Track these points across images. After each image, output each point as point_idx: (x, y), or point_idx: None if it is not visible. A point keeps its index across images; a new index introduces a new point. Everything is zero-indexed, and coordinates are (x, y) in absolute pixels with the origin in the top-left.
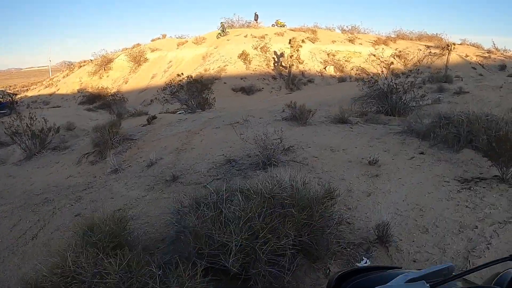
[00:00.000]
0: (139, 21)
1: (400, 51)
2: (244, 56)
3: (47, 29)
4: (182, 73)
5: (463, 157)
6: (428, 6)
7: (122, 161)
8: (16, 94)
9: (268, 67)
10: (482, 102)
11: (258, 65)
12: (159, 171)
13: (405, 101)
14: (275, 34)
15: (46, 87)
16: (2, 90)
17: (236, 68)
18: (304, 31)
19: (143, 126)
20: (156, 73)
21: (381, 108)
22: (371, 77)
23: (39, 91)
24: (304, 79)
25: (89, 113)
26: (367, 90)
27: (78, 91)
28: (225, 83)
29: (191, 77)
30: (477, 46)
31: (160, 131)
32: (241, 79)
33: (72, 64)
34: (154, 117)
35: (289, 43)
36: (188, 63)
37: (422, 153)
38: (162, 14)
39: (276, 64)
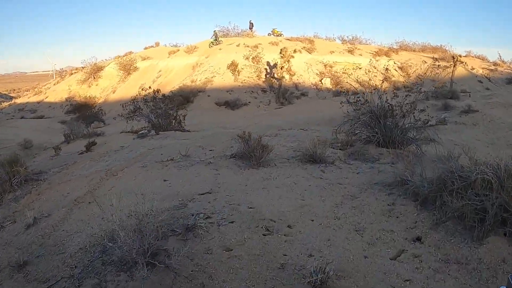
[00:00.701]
0: (144, 28)
1: (402, 63)
2: (233, 67)
3: (54, 34)
4: (150, 87)
5: (488, 255)
6: (431, 17)
7: (12, 212)
8: None
9: (259, 79)
10: (494, 123)
11: (248, 77)
12: (31, 239)
13: (403, 128)
14: (269, 43)
15: (36, 94)
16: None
17: (223, 79)
18: (301, 41)
19: (80, 153)
20: (144, 83)
21: (371, 137)
22: (357, 95)
23: (28, 98)
24: (297, 92)
25: (63, 126)
26: (354, 113)
27: (66, 100)
28: (209, 96)
29: (158, 91)
30: (482, 58)
31: (78, 168)
32: (227, 91)
33: (63, 71)
34: (93, 143)
35: (280, 53)
36: (177, 73)
37: (419, 238)
38: (163, 21)
39: (267, 76)
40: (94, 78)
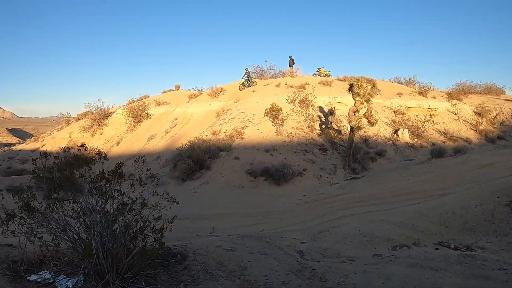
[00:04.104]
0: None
1: (477, 107)
2: (273, 113)
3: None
4: (76, 145)
5: None
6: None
7: None
8: None
9: (311, 131)
10: None
11: (297, 128)
12: None
13: None
14: (319, 83)
15: (34, 141)
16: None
17: (259, 131)
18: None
19: None
20: (155, 134)
21: None
22: None
23: (26, 144)
24: (370, 150)
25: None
26: None
27: (64, 150)
28: (237, 158)
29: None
30: None
31: None
32: (267, 150)
33: (70, 116)
34: None
35: (350, 90)
36: (196, 122)
37: None
38: (190, 64)
39: (323, 127)
40: (99, 125)
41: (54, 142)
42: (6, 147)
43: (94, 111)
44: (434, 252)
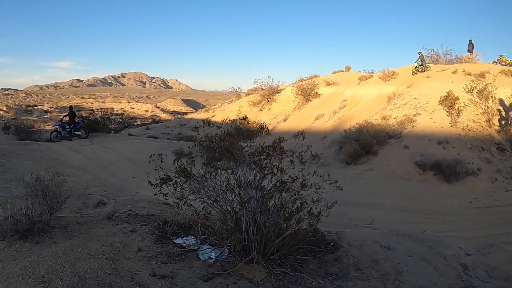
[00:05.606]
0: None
1: None
2: (449, 102)
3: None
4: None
5: None
6: None
7: None
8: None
9: (489, 126)
10: None
11: (473, 121)
12: None
13: None
14: (500, 73)
15: (205, 111)
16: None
17: (433, 120)
18: None
19: None
20: (323, 114)
21: None
22: None
23: (198, 114)
24: None
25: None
26: None
27: (232, 121)
28: (406, 147)
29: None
30: None
31: None
32: (439, 143)
33: (240, 91)
34: None
35: None
36: (366, 105)
37: None
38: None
39: (503, 122)
40: (267, 101)
41: (223, 114)
42: (179, 116)
43: (263, 87)
44: None
